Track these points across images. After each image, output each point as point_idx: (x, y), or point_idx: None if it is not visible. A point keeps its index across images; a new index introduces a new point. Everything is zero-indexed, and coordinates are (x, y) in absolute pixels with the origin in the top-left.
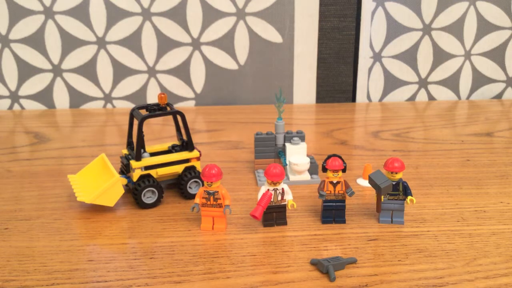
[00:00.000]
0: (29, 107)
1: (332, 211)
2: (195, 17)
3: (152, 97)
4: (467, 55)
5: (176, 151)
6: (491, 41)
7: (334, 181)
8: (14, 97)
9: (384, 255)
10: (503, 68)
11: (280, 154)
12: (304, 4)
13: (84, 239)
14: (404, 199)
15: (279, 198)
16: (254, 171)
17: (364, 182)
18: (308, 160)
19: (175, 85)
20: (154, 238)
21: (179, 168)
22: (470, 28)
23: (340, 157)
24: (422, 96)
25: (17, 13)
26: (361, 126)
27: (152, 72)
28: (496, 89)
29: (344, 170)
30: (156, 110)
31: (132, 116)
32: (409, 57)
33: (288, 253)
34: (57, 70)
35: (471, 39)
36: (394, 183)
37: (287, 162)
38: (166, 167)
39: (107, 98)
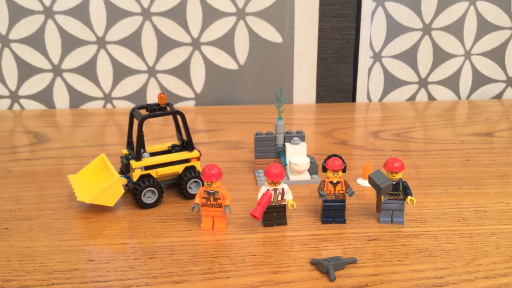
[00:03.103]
0: (29, 107)
1: (332, 211)
2: (195, 17)
3: (152, 97)
4: (467, 55)
5: (176, 151)
6: (491, 41)
7: (334, 181)
8: (14, 97)
9: (384, 255)
10: (503, 68)
11: (280, 154)
12: (304, 4)
13: (84, 239)
14: (404, 199)
15: (279, 198)
16: (254, 171)
17: (364, 182)
18: (308, 160)
19: (175, 85)
20: (154, 238)
21: (179, 168)
22: (470, 28)
23: (340, 157)
24: (422, 96)
25: (17, 13)
26: (361, 126)
27: (152, 72)
28: (496, 89)
29: (344, 170)
30: (156, 110)
31: (132, 116)
32: (409, 57)
33: (288, 253)
34: (57, 70)
35: (471, 39)
36: (394, 183)
37: (287, 162)
38: (166, 167)
39: (107, 98)
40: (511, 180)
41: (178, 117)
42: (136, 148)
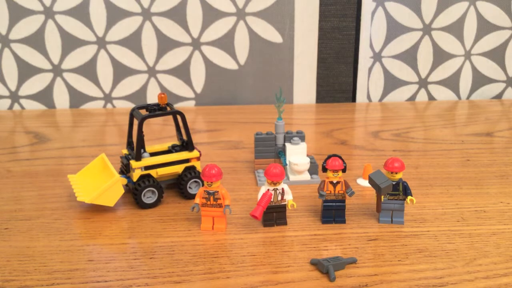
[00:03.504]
0: (29, 107)
1: (332, 211)
2: (195, 17)
3: (152, 97)
4: (467, 55)
5: (176, 151)
6: (491, 41)
7: (334, 181)
8: (14, 97)
9: (384, 255)
10: (503, 68)
11: (280, 154)
12: (304, 4)
13: (84, 239)
14: (404, 199)
15: (279, 198)
16: (254, 171)
17: (364, 182)
18: (308, 160)
19: (175, 85)
20: (154, 238)
21: (179, 168)
22: (470, 28)
23: (340, 157)
24: (422, 96)
25: (17, 13)
26: (361, 126)
27: (152, 72)
28: (496, 89)
29: (344, 170)
30: (156, 110)
31: (132, 116)
32: (409, 57)
33: (288, 253)
34: (57, 70)
35: (471, 39)
36: (394, 183)
37: (287, 162)
38: (166, 167)
39: (107, 98)
40: (511, 180)
41: (178, 117)
42: (136, 148)
